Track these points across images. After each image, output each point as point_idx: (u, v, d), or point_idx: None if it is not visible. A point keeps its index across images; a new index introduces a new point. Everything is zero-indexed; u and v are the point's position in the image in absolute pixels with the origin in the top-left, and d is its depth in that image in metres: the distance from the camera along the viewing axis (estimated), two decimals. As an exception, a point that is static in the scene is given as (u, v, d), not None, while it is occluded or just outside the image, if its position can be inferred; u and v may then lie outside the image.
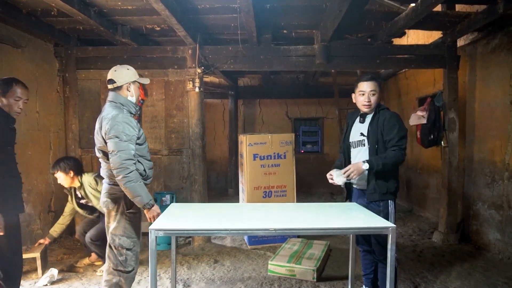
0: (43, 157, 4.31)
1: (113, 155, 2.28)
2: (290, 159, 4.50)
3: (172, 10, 3.30)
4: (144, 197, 2.33)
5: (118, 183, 2.32)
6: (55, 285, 3.26)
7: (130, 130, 2.34)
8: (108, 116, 2.34)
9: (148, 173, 2.52)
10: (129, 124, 2.35)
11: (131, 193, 2.31)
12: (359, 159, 2.62)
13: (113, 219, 2.44)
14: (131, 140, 2.34)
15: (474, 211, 4.40)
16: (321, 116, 8.78)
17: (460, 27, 4.06)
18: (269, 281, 3.37)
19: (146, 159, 2.53)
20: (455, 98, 4.38)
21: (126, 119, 2.36)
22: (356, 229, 2.21)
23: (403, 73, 6.40)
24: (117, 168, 2.27)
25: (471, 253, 4.06)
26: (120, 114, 2.35)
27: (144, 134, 2.56)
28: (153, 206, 2.40)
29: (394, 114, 2.62)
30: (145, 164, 2.49)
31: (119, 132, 2.28)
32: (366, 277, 2.87)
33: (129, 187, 2.28)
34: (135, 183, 2.29)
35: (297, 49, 4.48)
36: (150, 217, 2.41)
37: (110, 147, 2.30)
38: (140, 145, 2.47)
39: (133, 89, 2.49)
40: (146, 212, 2.41)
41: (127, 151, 2.29)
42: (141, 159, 2.47)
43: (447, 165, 4.42)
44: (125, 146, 2.29)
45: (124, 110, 2.42)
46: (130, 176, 2.27)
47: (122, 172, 2.26)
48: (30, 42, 4.11)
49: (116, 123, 2.30)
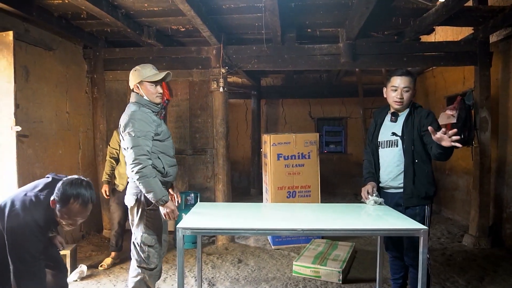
0: (72, 156, 4.44)
1: (128, 151, 2.31)
2: (314, 159, 4.45)
3: (197, 11, 3.32)
4: (158, 193, 2.31)
5: (133, 178, 2.34)
6: (85, 281, 3.35)
7: (145, 126, 2.34)
8: (125, 113, 2.40)
9: (168, 170, 2.50)
10: (144, 120, 2.35)
11: (144, 188, 2.31)
12: (390, 160, 2.51)
13: (135, 216, 2.46)
14: (146, 136, 2.33)
15: (508, 214, 4.21)
16: (344, 116, 8.65)
17: (493, 22, 3.90)
18: (294, 282, 3.34)
19: (168, 155, 2.52)
20: (487, 96, 4.22)
21: (141, 115, 2.36)
22: (385, 231, 2.15)
23: (431, 71, 6.22)
24: (131, 163, 2.29)
25: (504, 258, 3.89)
26: (137, 111, 2.37)
27: (167, 131, 2.57)
28: (167, 202, 2.37)
29: (431, 113, 2.48)
30: (165, 160, 2.47)
31: (133, 128, 2.31)
32: (395, 282, 2.76)
33: (142, 182, 2.28)
34: (149, 179, 2.28)
35: (321, 48, 4.42)
36: (164, 213, 2.40)
37: (125, 143, 2.34)
38: (161, 142, 2.47)
39: (142, 89, 2.46)
40: (161, 208, 2.41)
41: (141, 147, 2.29)
42: (161, 155, 2.46)
43: (478, 166, 4.25)
44: (139, 142, 2.30)
45: (143, 108, 2.43)
46: (143, 171, 2.27)
47: (135, 167, 2.27)
48: (61, 45, 4.24)
49: (130, 119, 2.33)
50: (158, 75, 2.47)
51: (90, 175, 4.71)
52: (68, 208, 1.97)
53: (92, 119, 4.78)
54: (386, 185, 2.57)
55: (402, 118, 2.52)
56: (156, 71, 2.50)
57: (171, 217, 2.39)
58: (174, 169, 2.59)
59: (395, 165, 2.49)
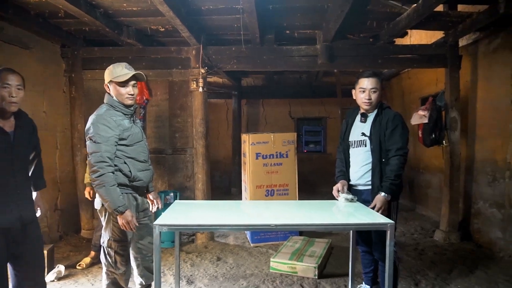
0: (50, 156, 4.39)
1: (88, 157, 2.25)
2: (292, 158, 4.55)
3: (176, 12, 3.36)
4: (115, 202, 2.20)
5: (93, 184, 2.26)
6: (62, 281, 3.34)
7: (107, 131, 2.23)
8: (91, 116, 2.32)
9: (137, 174, 2.40)
10: (107, 125, 2.24)
11: (101, 197, 2.25)
12: (360, 160, 2.63)
13: (103, 219, 2.42)
14: (108, 142, 2.23)
15: (476, 209, 4.42)
16: (324, 115, 8.82)
17: (462, 27, 4.08)
18: (271, 278, 3.42)
19: (138, 160, 2.41)
20: (457, 97, 4.41)
21: (105, 120, 2.25)
22: (355, 225, 2.25)
23: (406, 73, 6.43)
24: (90, 170, 2.22)
25: (472, 251, 4.08)
26: (101, 115, 2.27)
27: (140, 134, 2.47)
28: (124, 212, 2.23)
29: (398, 115, 2.59)
30: (132, 165, 2.37)
31: (94, 133, 2.22)
32: (366, 275, 2.92)
33: (99, 191, 2.21)
34: (106, 187, 2.19)
35: (299, 49, 4.53)
36: (120, 224, 2.27)
37: (87, 148, 2.28)
38: (129, 146, 2.36)
39: (112, 89, 2.36)
40: (118, 218, 2.27)
41: (100, 153, 2.20)
42: (128, 160, 2.35)
43: (448, 164, 4.44)
44: (100, 148, 2.21)
45: (112, 111, 2.33)
46: (100, 179, 2.18)
47: (93, 175, 2.20)
48: (38, 43, 4.19)
49: (92, 124, 2.25)
50: (127, 75, 2.32)
51: (68, 175, 4.68)
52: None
53: (70, 118, 4.74)
54: (355, 182, 2.69)
55: (370, 119, 2.64)
56: (128, 71, 2.34)
57: (127, 228, 2.27)
58: (146, 174, 2.48)
59: (363, 163, 2.61)
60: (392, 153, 2.50)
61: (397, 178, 2.46)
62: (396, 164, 2.47)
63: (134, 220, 2.29)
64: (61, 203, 4.53)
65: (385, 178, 2.48)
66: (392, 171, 2.46)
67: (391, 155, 2.50)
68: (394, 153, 2.49)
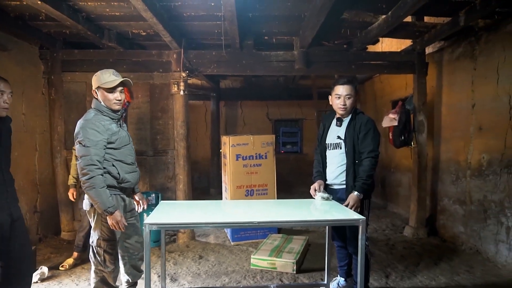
0: (29, 158, 4.38)
1: (78, 160, 2.35)
2: (271, 159, 4.73)
3: (159, 18, 3.46)
4: (104, 203, 2.31)
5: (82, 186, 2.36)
6: (46, 282, 3.37)
7: (96, 135, 2.33)
8: (79, 121, 2.41)
9: (125, 176, 2.50)
10: (96, 129, 2.34)
11: (91, 198, 2.35)
12: (336, 161, 2.84)
13: (92, 220, 2.52)
14: (97, 146, 2.33)
15: (441, 206, 4.75)
16: (300, 117, 9.06)
17: (428, 36, 4.39)
18: (252, 274, 3.58)
19: (125, 163, 2.52)
20: (424, 101, 4.72)
21: (94, 124, 2.35)
22: (330, 221, 2.46)
23: (378, 78, 6.75)
24: (80, 173, 2.32)
25: (438, 246, 4.40)
26: (90, 120, 2.37)
27: (127, 138, 2.58)
28: (113, 213, 2.34)
29: (370, 120, 2.80)
30: (120, 167, 2.47)
31: (83, 137, 2.31)
32: (341, 269, 3.13)
33: (89, 192, 2.31)
34: (96, 189, 2.29)
35: (277, 55, 4.71)
36: (110, 224, 2.37)
37: (77, 151, 2.37)
38: (116, 149, 2.47)
39: (100, 95, 2.46)
40: (107, 219, 2.37)
41: (90, 156, 2.30)
42: (117, 163, 2.46)
43: (416, 164, 4.75)
44: (89, 151, 2.30)
45: (100, 116, 2.43)
46: (91, 181, 2.28)
47: (83, 177, 2.30)
48: (16, 45, 4.17)
49: (81, 128, 2.34)
50: (114, 82, 2.42)
51: (47, 177, 4.67)
52: None
53: (49, 120, 4.72)
54: (331, 182, 2.90)
55: (345, 123, 2.86)
56: (115, 77, 2.44)
57: (116, 227, 2.38)
58: (133, 175, 2.59)
59: (339, 164, 2.83)
60: (364, 155, 2.71)
61: (369, 178, 2.67)
62: (368, 165, 2.69)
63: (123, 220, 2.40)
64: (40, 205, 4.51)
65: (358, 178, 2.70)
66: (364, 171, 2.68)
67: (364, 157, 2.71)
68: (367, 155, 2.71)
